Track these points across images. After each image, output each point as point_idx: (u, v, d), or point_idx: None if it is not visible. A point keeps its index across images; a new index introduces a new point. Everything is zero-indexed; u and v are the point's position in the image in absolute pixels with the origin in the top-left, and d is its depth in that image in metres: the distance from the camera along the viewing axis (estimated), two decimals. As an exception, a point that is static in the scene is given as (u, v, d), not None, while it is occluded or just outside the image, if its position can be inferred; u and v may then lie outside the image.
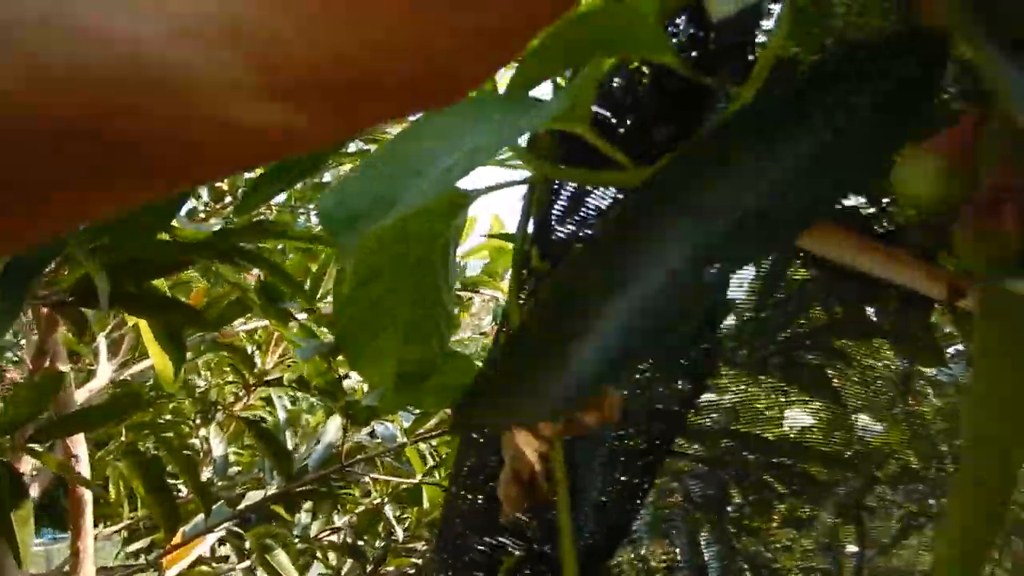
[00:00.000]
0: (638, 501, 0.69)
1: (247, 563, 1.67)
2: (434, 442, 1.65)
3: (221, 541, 1.91)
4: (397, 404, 0.77)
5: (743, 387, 1.12)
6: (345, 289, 0.68)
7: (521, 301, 0.68)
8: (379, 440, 1.87)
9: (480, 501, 0.65)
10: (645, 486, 0.69)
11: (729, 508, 1.23)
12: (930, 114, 0.26)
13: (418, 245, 0.70)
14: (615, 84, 0.67)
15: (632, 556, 1.06)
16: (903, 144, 0.26)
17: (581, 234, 0.65)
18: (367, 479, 1.87)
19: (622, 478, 0.68)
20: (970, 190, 0.25)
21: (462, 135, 0.44)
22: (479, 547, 0.66)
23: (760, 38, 0.70)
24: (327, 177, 1.79)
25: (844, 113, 0.25)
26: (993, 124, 0.25)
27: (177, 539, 1.28)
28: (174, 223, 0.84)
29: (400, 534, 1.81)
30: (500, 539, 0.65)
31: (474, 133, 0.44)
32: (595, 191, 0.65)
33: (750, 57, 0.64)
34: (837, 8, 0.80)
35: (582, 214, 0.65)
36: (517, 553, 0.66)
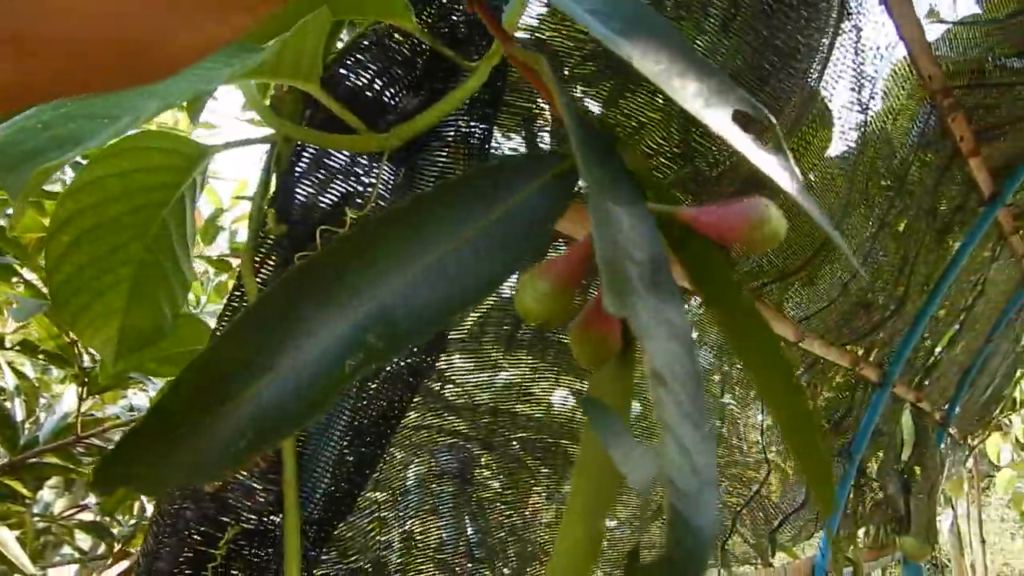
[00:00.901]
0: (367, 470, 0.68)
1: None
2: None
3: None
4: (119, 371, 0.72)
5: (500, 365, 1.15)
6: (59, 246, 0.63)
7: (257, 263, 0.65)
8: (136, 412, 1.76)
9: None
10: (376, 455, 0.68)
11: (495, 484, 1.26)
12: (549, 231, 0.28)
13: (148, 201, 0.66)
14: (366, 53, 0.66)
15: (381, 528, 1.06)
16: (529, 256, 0.27)
17: (320, 197, 0.64)
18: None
19: (353, 447, 0.67)
20: (572, 309, 0.28)
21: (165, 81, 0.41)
22: (199, 518, 0.63)
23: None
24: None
25: (485, 219, 0.26)
26: None
27: None
28: None
29: (151, 510, 1.71)
30: (221, 511, 0.63)
31: (179, 79, 0.41)
32: (336, 154, 0.64)
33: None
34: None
35: (321, 175, 0.63)
36: (241, 525, 0.64)
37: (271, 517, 0.66)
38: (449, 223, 0.26)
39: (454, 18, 0.66)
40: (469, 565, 1.20)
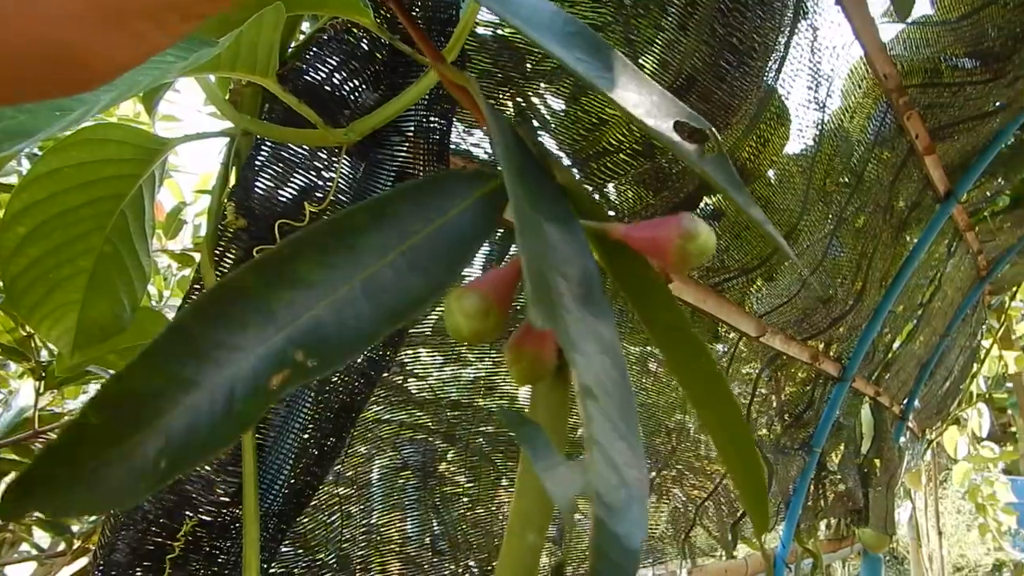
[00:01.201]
0: (327, 463, 0.69)
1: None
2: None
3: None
4: (76, 365, 0.71)
5: (464, 359, 1.16)
6: (15, 238, 0.62)
7: (216, 257, 0.66)
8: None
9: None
10: (336, 448, 0.69)
11: (460, 478, 1.26)
12: (482, 242, 0.28)
13: (106, 192, 0.66)
14: (325, 48, 0.66)
15: (345, 523, 1.06)
16: (460, 272, 0.27)
17: (280, 191, 0.64)
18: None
19: (313, 439, 0.68)
20: (503, 326, 0.27)
21: (118, 72, 0.41)
22: (157, 510, 0.63)
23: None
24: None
25: (414, 237, 0.26)
26: None
27: None
28: None
29: (112, 506, 1.69)
30: (180, 503, 0.63)
31: (133, 71, 0.41)
32: (295, 148, 0.64)
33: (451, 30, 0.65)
34: None
35: (280, 169, 0.63)
36: (199, 516, 0.64)
37: (231, 509, 0.66)
38: (384, 236, 0.25)
39: (412, 13, 0.67)
40: (434, 559, 1.21)
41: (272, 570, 0.88)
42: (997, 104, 1.60)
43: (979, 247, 2.47)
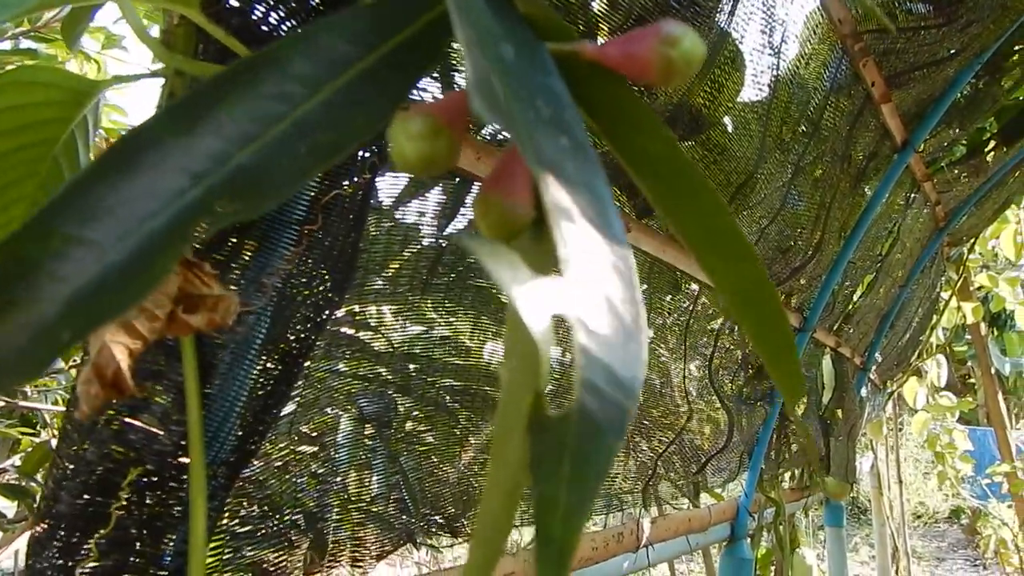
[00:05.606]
0: (274, 411, 0.68)
1: None
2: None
3: None
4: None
5: (417, 309, 1.15)
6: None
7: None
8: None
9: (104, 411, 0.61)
10: (284, 397, 0.68)
11: (423, 432, 1.26)
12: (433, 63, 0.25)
13: (36, 138, 0.64)
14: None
15: (312, 482, 1.06)
16: (402, 100, 0.24)
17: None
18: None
19: (261, 387, 0.67)
20: (455, 153, 0.24)
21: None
22: (100, 461, 0.62)
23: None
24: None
25: (353, 68, 0.23)
26: None
27: None
28: None
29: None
30: (124, 452, 0.62)
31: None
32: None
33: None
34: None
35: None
36: (144, 466, 0.63)
37: (176, 458, 0.65)
38: (319, 68, 0.23)
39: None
40: (403, 516, 1.21)
41: (230, 525, 0.87)
42: (951, 51, 1.60)
43: (937, 198, 2.49)
